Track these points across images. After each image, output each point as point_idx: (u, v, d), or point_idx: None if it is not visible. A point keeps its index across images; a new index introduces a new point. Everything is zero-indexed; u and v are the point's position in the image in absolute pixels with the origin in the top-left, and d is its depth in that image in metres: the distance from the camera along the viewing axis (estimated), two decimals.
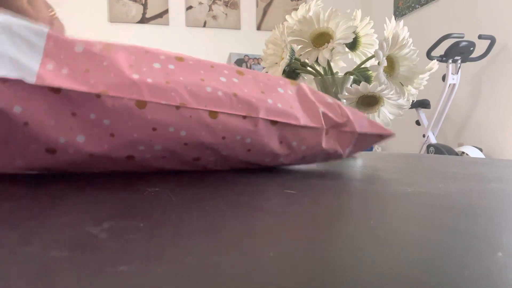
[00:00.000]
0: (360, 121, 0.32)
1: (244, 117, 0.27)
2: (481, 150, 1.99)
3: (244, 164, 0.31)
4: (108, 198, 0.18)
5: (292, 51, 0.51)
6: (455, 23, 2.43)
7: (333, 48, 0.47)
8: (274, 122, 0.29)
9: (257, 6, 3.16)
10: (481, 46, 2.22)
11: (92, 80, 0.23)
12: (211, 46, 3.11)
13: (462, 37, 1.96)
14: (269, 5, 3.17)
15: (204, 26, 3.09)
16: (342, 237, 0.11)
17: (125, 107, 0.23)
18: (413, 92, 0.50)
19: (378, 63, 0.45)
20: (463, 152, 1.98)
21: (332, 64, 0.55)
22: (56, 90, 0.22)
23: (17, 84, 0.22)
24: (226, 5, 3.12)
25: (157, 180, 0.25)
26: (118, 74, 0.24)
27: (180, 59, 0.28)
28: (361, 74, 0.53)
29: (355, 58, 0.55)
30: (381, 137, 0.33)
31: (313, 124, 0.30)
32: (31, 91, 0.22)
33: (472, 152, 1.96)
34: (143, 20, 2.96)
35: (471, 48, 1.98)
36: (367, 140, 0.33)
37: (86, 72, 0.23)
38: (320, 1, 0.52)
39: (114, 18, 2.90)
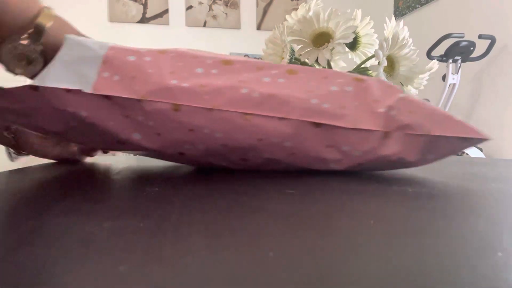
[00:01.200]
0: (440, 121, 0.27)
1: (281, 119, 0.26)
2: (481, 150, 1.99)
3: (293, 168, 0.29)
4: (108, 198, 0.18)
5: (292, 51, 0.51)
6: (455, 23, 2.43)
7: (333, 48, 0.47)
8: (317, 124, 0.26)
9: (257, 6, 3.16)
10: (481, 46, 2.22)
11: (136, 87, 0.26)
12: (211, 46, 3.11)
13: (462, 37, 1.96)
14: (269, 5, 3.16)
15: (204, 26, 3.08)
16: (342, 237, 0.11)
17: (161, 110, 0.25)
18: (413, 92, 0.50)
19: (378, 63, 0.45)
20: (463, 152, 1.98)
21: (332, 64, 0.55)
22: (108, 97, 0.25)
23: (78, 92, 0.25)
24: (226, 5, 3.11)
25: (157, 180, 0.25)
26: (158, 80, 0.26)
27: (227, 62, 0.28)
28: (361, 74, 0.53)
29: (355, 58, 0.55)
30: (468, 141, 0.27)
31: (367, 127, 0.26)
32: (89, 98, 0.25)
33: (472, 152, 1.95)
34: (143, 19, 2.96)
35: (471, 48, 1.97)
36: (448, 145, 0.27)
37: (133, 79, 0.26)
38: (320, 1, 0.52)
39: (114, 17, 2.90)
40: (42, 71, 0.26)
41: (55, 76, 0.25)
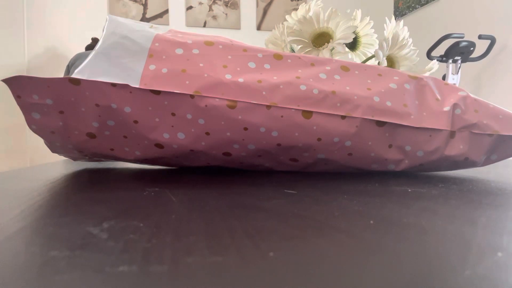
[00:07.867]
0: (506, 120, 0.26)
1: (343, 117, 0.25)
2: None
3: (347, 169, 0.28)
4: (108, 198, 0.18)
5: (292, 51, 0.51)
6: (455, 23, 2.43)
7: (333, 48, 0.47)
8: (381, 123, 0.25)
9: (257, 6, 3.16)
10: (481, 46, 2.22)
11: (187, 81, 0.24)
12: None
13: (462, 37, 1.96)
14: (269, 5, 3.16)
15: (204, 26, 3.09)
16: (342, 237, 0.11)
17: (216, 106, 0.24)
18: None
19: (378, 63, 0.45)
20: None
21: None
22: (157, 92, 0.24)
23: (124, 87, 0.24)
24: (226, 5, 3.11)
25: (157, 180, 0.25)
26: (211, 74, 0.24)
27: (278, 57, 0.27)
28: None
29: (355, 58, 0.55)
30: None
31: (432, 126, 0.25)
32: (136, 93, 0.24)
33: None
34: (143, 20, 2.96)
35: (471, 48, 1.98)
36: None
37: (183, 73, 0.24)
38: (320, 1, 0.52)
39: None
40: (82, 63, 0.24)
41: (98, 69, 0.24)
